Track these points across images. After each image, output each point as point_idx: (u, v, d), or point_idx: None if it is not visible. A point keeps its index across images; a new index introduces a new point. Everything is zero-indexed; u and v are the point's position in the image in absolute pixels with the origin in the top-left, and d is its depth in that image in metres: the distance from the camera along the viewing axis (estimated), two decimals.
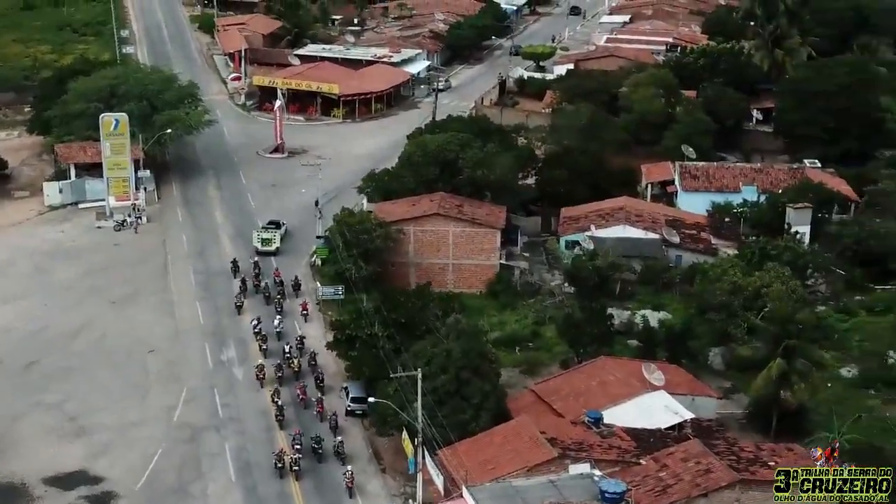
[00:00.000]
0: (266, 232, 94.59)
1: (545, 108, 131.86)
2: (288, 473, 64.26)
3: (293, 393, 72.29)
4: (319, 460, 65.81)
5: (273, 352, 77.20)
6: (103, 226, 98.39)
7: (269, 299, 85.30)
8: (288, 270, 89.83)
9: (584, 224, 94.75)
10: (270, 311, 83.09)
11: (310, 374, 74.67)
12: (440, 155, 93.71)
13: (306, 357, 76.39)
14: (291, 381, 73.77)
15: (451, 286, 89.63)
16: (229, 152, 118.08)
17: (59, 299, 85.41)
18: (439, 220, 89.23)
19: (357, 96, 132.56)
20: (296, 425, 68.33)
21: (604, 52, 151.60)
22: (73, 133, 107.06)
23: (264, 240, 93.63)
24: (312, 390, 72.91)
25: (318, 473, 65.13)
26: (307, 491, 63.61)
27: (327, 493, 63.69)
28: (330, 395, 72.56)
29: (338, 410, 69.90)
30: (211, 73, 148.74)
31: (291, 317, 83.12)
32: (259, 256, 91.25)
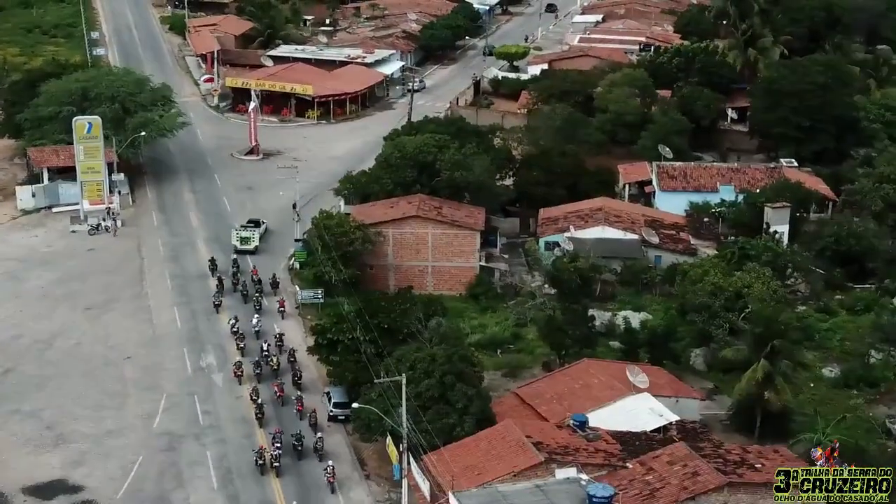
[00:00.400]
0: (245, 230, 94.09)
1: (520, 109, 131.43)
2: (268, 471, 64.04)
3: (271, 391, 71.96)
4: (300, 457, 65.63)
5: (251, 350, 76.88)
6: (78, 230, 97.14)
7: (247, 298, 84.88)
8: (266, 270, 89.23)
9: (562, 225, 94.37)
10: (248, 310, 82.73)
11: (289, 371, 74.52)
12: (418, 156, 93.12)
13: (285, 355, 76.31)
14: (270, 378, 73.41)
15: (431, 288, 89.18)
16: (203, 154, 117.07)
17: (33, 306, 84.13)
18: (418, 223, 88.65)
19: (331, 97, 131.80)
20: (276, 424, 67.99)
21: (577, 51, 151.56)
22: (45, 137, 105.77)
23: (243, 238, 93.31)
24: (291, 388, 72.54)
25: (300, 471, 64.86)
26: (288, 489, 63.13)
27: (309, 489, 63.37)
28: (308, 393, 72.28)
29: (317, 408, 69.47)
30: (183, 74, 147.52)
31: (270, 316, 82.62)
32: (238, 255, 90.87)
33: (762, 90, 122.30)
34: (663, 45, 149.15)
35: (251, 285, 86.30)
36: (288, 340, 78.32)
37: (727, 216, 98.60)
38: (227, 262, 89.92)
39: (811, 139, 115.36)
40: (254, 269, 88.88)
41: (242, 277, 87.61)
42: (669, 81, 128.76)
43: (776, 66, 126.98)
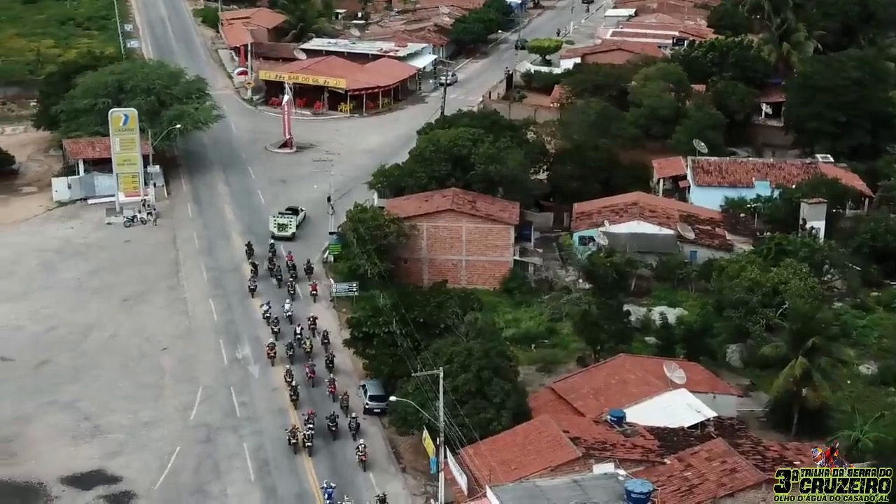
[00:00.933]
0: (282, 217, 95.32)
1: (553, 103, 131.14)
2: (301, 450, 65.33)
3: (303, 372, 73.12)
4: (335, 438, 66.84)
5: (284, 334, 77.98)
6: (113, 222, 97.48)
7: (281, 283, 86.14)
8: (303, 257, 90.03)
9: (597, 219, 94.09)
10: (282, 295, 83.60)
11: (322, 353, 75.62)
12: (452, 150, 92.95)
13: (319, 337, 77.38)
14: (304, 360, 74.61)
15: (465, 283, 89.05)
16: (237, 147, 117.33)
17: (68, 297, 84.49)
18: (452, 216, 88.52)
19: (364, 91, 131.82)
20: (309, 405, 69.18)
21: (610, 45, 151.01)
22: (81, 128, 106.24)
23: (280, 224, 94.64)
24: (324, 371, 73.54)
25: (332, 450, 66.10)
26: (321, 467, 64.20)
27: (341, 468, 64.42)
28: (340, 376, 73.38)
29: (348, 391, 70.35)
30: (216, 67, 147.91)
31: (303, 301, 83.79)
32: (275, 241, 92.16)
33: (797, 85, 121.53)
34: (697, 40, 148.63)
35: (286, 271, 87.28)
36: (321, 324, 79.10)
37: (763, 212, 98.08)
38: (263, 249, 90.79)
39: (846, 134, 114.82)
40: (289, 254, 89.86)
41: (278, 263, 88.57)
42: (703, 76, 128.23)
43: (811, 61, 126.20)
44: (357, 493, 62.00)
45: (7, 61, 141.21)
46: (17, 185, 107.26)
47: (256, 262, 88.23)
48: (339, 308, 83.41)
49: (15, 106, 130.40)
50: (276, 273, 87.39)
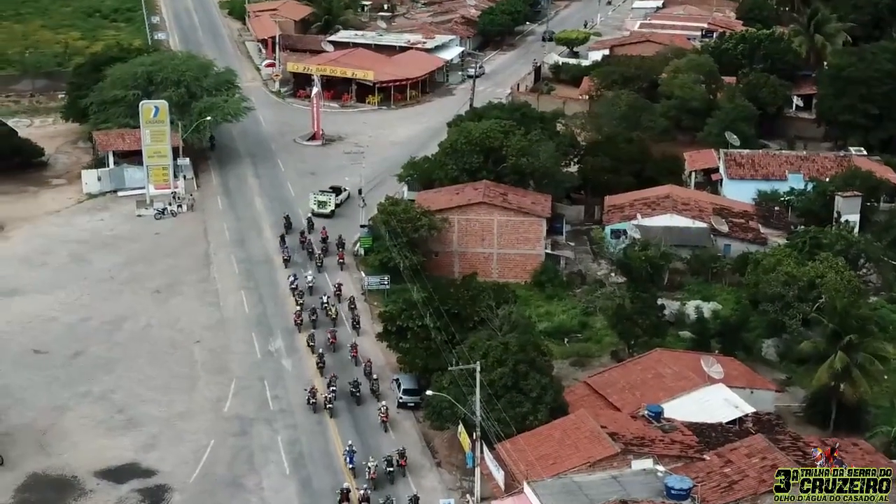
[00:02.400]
0: (322, 195, 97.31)
1: (582, 95, 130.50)
2: (321, 410, 68.10)
3: (324, 338, 75.75)
4: (358, 402, 69.30)
5: (310, 305, 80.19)
6: (144, 214, 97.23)
7: (312, 255, 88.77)
8: (340, 232, 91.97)
9: (629, 213, 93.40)
10: (313, 267, 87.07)
11: (348, 318, 79.25)
12: (484, 142, 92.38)
13: (345, 304, 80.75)
14: (328, 326, 77.53)
15: (496, 276, 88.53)
16: (266, 139, 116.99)
17: (100, 289, 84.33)
18: (484, 209, 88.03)
19: (392, 83, 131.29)
20: (333, 370, 71.81)
21: (639, 37, 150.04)
22: (111, 120, 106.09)
23: (320, 202, 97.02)
24: (348, 336, 76.96)
25: (354, 413, 68.85)
26: (343, 428, 66.80)
27: (364, 430, 66.92)
28: (364, 338, 76.98)
29: (371, 358, 73.14)
30: (243, 59, 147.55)
31: (332, 271, 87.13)
32: (314, 217, 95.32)
33: (829, 77, 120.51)
34: (726, 32, 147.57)
35: (317, 244, 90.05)
36: (347, 290, 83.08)
37: (796, 205, 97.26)
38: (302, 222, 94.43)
39: (879, 127, 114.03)
40: (323, 229, 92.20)
41: (310, 237, 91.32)
42: (734, 68, 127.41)
43: (842, 53, 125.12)
44: (380, 454, 63.57)
45: (35, 53, 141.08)
46: (47, 177, 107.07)
47: (285, 235, 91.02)
48: (370, 301, 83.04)
49: (43, 98, 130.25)
50: (307, 246, 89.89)
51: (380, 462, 62.43)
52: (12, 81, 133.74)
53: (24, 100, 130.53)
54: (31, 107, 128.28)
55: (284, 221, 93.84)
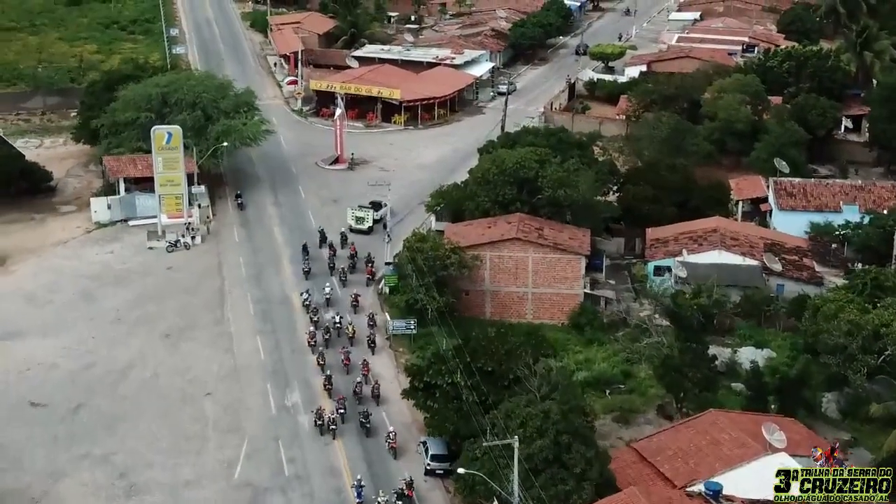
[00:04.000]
0: (360, 210, 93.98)
1: (619, 115, 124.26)
2: (327, 431, 65.79)
3: (337, 358, 73.15)
4: (367, 434, 66.10)
5: (325, 322, 77.97)
6: (155, 246, 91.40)
7: (333, 270, 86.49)
8: (376, 249, 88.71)
9: (673, 248, 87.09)
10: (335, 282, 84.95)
11: (365, 332, 76.88)
12: (518, 172, 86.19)
13: (362, 315, 78.94)
14: (342, 344, 75.24)
15: (531, 317, 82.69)
16: (286, 163, 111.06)
17: (107, 331, 78.40)
18: (518, 245, 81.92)
19: (419, 102, 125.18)
20: (342, 391, 69.51)
21: (678, 52, 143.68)
22: (123, 144, 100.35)
23: (357, 218, 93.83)
24: (364, 351, 75.08)
25: (362, 438, 66.13)
26: (352, 455, 64.32)
27: (372, 456, 64.37)
28: (380, 355, 75.16)
29: (380, 381, 70.97)
30: (265, 75, 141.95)
31: (356, 286, 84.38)
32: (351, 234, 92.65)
33: (881, 97, 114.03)
34: (768, 47, 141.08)
35: (345, 259, 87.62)
36: (364, 304, 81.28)
37: (853, 240, 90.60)
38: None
39: None
40: (352, 245, 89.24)
41: (341, 251, 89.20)
42: (779, 87, 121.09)
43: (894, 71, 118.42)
44: (390, 484, 60.94)
45: (48, 68, 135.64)
46: (55, 204, 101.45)
47: (307, 245, 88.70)
48: (395, 347, 76.93)
49: (55, 116, 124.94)
50: (329, 260, 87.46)
51: (390, 496, 59.45)
52: (23, 98, 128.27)
53: (36, 118, 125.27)
54: (41, 126, 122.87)
55: (319, 236, 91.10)
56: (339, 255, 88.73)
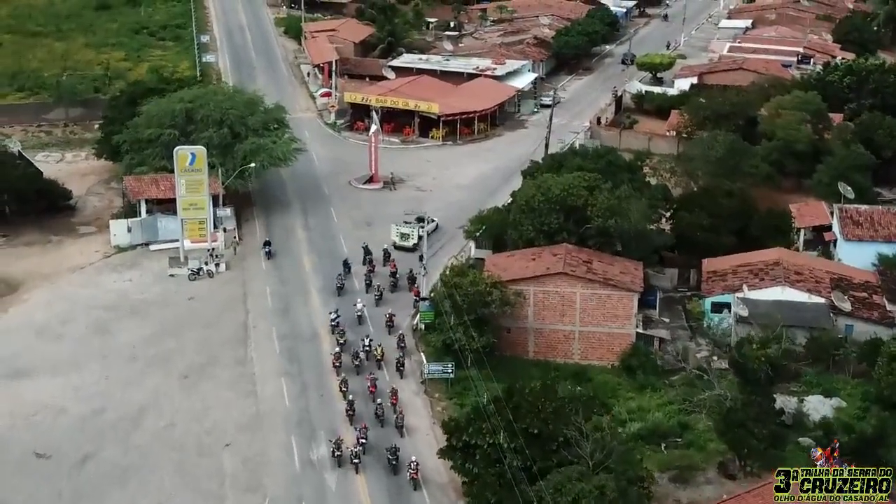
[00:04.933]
0: (405, 227, 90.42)
1: (670, 131, 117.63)
2: (346, 463, 62.12)
3: (363, 385, 69.84)
4: (395, 472, 61.83)
5: (353, 345, 74.55)
6: (177, 274, 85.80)
7: (369, 287, 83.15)
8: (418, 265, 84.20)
9: (732, 282, 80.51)
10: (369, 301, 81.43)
11: (394, 357, 73.45)
12: (565, 200, 80.00)
13: (395, 337, 75.39)
14: (372, 369, 71.90)
15: (577, 357, 76.56)
16: (318, 181, 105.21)
17: (121, 370, 72.67)
18: (565, 281, 75.70)
19: (458, 116, 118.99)
20: (366, 419, 66.22)
21: (730, 63, 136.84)
22: (145, 162, 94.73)
23: (402, 234, 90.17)
24: (392, 376, 72.09)
25: (383, 470, 62.22)
26: (371, 487, 60.78)
27: (390, 489, 60.66)
28: (408, 381, 71.58)
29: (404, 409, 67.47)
30: (298, 85, 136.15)
31: (392, 305, 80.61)
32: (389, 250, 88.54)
33: None
34: (825, 58, 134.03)
35: (385, 278, 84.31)
36: (399, 324, 77.59)
37: None
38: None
39: None
40: (392, 262, 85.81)
41: (383, 268, 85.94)
42: (839, 103, 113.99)
43: None
44: None
45: (73, 76, 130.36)
46: (75, 224, 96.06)
47: (348, 260, 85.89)
48: (431, 393, 70.84)
49: (78, 129, 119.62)
50: (366, 277, 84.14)
51: None
52: (45, 110, 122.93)
53: (58, 130, 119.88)
54: (63, 138, 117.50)
55: (363, 252, 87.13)
56: (378, 273, 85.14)
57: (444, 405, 69.23)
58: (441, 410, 68.42)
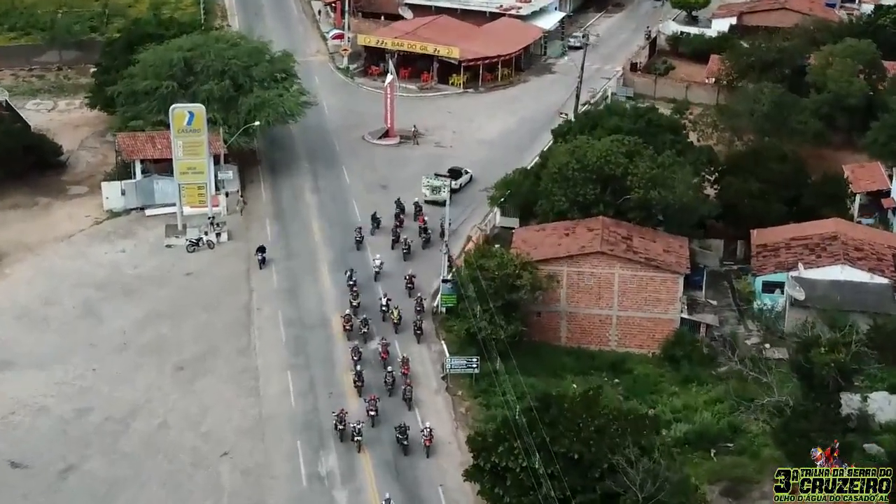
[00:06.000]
0: (437, 179, 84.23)
1: (709, 78, 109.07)
2: (348, 439, 57.71)
3: (375, 351, 65.47)
4: (405, 453, 57.53)
5: (366, 307, 69.76)
6: (174, 244, 78.37)
7: (397, 241, 77.90)
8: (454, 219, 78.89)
9: (785, 258, 73.01)
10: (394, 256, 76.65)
11: (412, 320, 68.57)
12: (603, 169, 72.08)
13: (415, 298, 70.21)
14: (386, 333, 67.15)
15: (614, 344, 69.53)
16: (329, 136, 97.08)
17: (109, 362, 65.32)
18: (603, 260, 68.23)
19: (481, 61, 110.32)
20: (375, 390, 61.96)
21: (772, 2, 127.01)
22: (141, 115, 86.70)
23: (434, 187, 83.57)
24: (407, 342, 67.48)
25: (401, 467, 56.92)
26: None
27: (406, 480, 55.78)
28: (422, 347, 67.10)
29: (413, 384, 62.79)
30: (308, 25, 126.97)
31: (419, 262, 75.28)
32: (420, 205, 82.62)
33: None
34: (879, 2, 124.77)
35: (413, 233, 79.05)
36: (419, 285, 72.20)
37: None
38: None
39: None
40: (420, 216, 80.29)
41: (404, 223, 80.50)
42: (891, 50, 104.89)
43: None
44: None
45: (69, 13, 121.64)
46: (65, 184, 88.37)
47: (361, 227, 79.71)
48: (453, 391, 63.58)
49: (72, 73, 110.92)
50: (394, 233, 78.78)
51: None
52: (38, 52, 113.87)
53: (51, 74, 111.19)
54: (57, 83, 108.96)
55: (396, 206, 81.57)
56: (406, 228, 79.59)
57: (467, 405, 62.15)
58: (465, 412, 61.42)
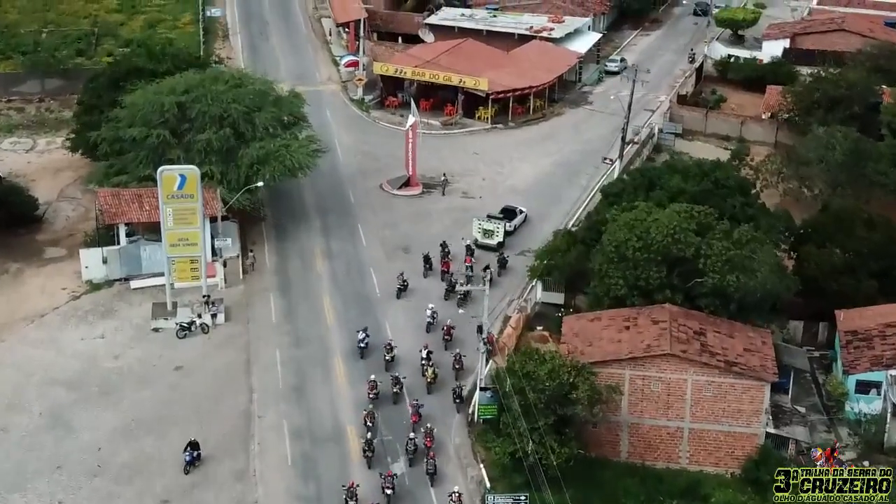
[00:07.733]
0: (489, 223, 77.41)
1: (765, 113, 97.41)
2: None
3: (405, 414, 58.82)
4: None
5: (404, 360, 63.36)
6: (162, 328, 66.91)
7: (452, 289, 70.64)
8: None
9: (882, 350, 61.51)
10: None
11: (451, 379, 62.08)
12: (670, 249, 60.55)
13: (454, 352, 63.38)
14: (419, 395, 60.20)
15: (686, 461, 58.53)
16: (342, 184, 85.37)
17: (78, 494, 53.69)
18: (673, 363, 56.82)
19: (511, 93, 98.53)
20: (387, 465, 55.16)
21: (828, 23, 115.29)
22: (128, 168, 75.23)
23: (486, 231, 77.76)
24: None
25: None
26: None
27: None
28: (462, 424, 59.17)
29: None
30: (318, 47, 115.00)
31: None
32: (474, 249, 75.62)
33: None
34: None
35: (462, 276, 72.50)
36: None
37: None
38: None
39: None
40: (467, 257, 74.00)
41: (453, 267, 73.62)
42: None
43: None
44: None
45: (54, 34, 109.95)
46: (40, 245, 76.88)
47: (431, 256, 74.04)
48: None
49: (55, 104, 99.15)
50: (446, 278, 71.99)
51: None
52: (17, 81, 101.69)
53: (31, 106, 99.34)
54: (37, 117, 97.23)
55: (441, 249, 75.00)
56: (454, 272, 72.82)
57: None
58: None
